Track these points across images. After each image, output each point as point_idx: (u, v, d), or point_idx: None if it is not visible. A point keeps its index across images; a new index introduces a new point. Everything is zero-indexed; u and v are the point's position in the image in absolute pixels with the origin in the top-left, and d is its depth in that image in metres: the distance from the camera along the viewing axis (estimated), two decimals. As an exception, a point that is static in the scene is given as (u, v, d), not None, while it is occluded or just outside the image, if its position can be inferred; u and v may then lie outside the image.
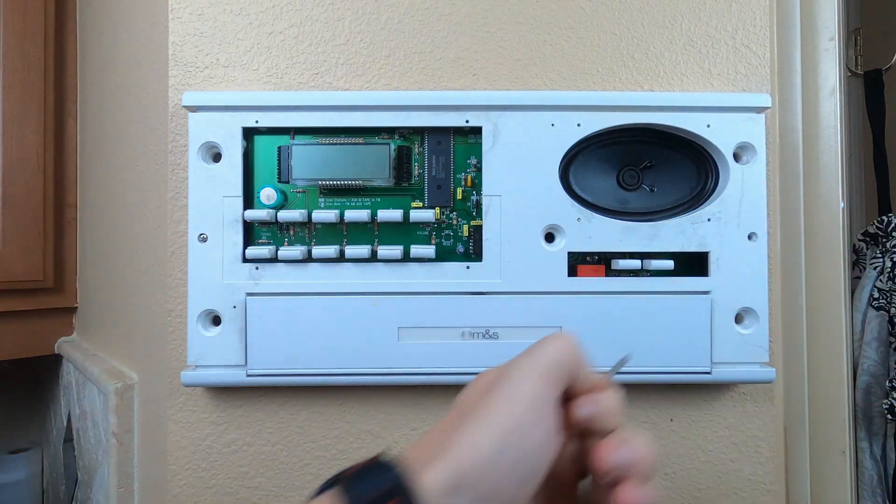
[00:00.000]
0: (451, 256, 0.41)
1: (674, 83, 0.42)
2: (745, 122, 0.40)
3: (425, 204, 0.41)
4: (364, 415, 0.42)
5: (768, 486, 0.42)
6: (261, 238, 0.41)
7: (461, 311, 0.39)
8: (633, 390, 0.42)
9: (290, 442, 0.42)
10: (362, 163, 0.40)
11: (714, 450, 0.42)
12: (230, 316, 0.39)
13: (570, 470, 0.26)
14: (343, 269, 0.40)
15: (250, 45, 0.41)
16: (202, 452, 0.41)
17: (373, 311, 0.39)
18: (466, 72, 0.42)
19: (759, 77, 0.42)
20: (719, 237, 0.40)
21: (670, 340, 0.40)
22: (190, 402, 0.42)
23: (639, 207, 0.41)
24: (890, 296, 0.53)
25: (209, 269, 0.39)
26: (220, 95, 0.39)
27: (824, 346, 0.47)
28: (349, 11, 0.42)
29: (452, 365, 0.39)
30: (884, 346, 0.53)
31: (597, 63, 0.42)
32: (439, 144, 0.41)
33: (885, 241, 0.55)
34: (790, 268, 0.46)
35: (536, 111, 0.39)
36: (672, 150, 0.42)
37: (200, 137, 0.39)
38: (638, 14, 0.42)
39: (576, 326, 0.39)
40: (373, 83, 0.42)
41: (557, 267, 0.40)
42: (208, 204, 0.39)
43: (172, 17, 0.41)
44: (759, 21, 0.42)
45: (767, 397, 0.42)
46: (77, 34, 0.70)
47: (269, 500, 0.42)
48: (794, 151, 0.47)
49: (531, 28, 0.42)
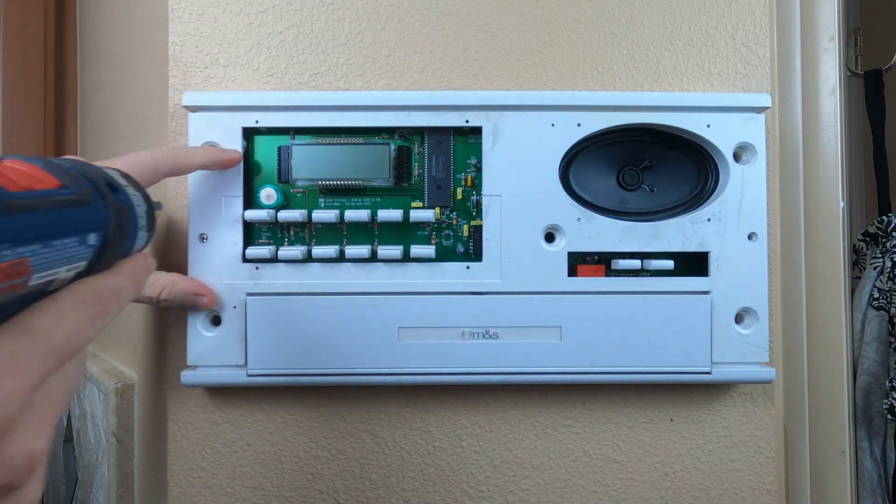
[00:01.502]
0: (451, 256, 0.41)
1: (674, 83, 0.42)
2: (745, 122, 0.40)
3: (425, 204, 0.41)
4: (364, 415, 0.42)
5: (768, 486, 0.42)
6: (261, 238, 0.41)
7: (461, 311, 0.39)
8: (633, 390, 0.42)
9: (290, 442, 0.42)
10: (362, 163, 0.40)
11: (714, 450, 0.42)
12: (230, 316, 0.39)
13: None
14: (343, 269, 0.40)
15: (250, 45, 0.41)
16: (202, 452, 0.42)
17: (373, 311, 0.39)
18: (466, 72, 0.42)
19: (759, 77, 0.42)
20: (719, 237, 0.40)
21: (670, 340, 0.40)
22: (190, 403, 0.42)
23: (639, 207, 0.41)
24: (890, 296, 0.53)
25: (209, 269, 0.39)
26: (220, 95, 0.39)
27: (824, 346, 0.47)
28: (349, 11, 0.42)
29: (452, 365, 0.39)
30: (884, 346, 0.53)
31: (597, 63, 0.42)
32: (439, 144, 0.41)
33: (885, 241, 0.55)
34: (790, 268, 0.46)
35: (536, 111, 0.40)
36: (672, 150, 0.42)
37: (200, 137, 0.39)
38: (638, 14, 0.42)
39: (576, 326, 0.39)
40: (373, 83, 0.42)
41: (557, 267, 0.40)
42: (208, 204, 0.39)
43: (172, 17, 0.41)
44: (759, 21, 0.42)
45: (767, 397, 0.42)
46: (77, 34, 0.70)
47: (269, 500, 0.42)
48: (794, 151, 0.47)
49: (531, 28, 0.42)
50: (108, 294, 0.21)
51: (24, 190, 0.17)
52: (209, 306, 0.39)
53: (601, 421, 0.42)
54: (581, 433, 0.42)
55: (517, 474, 0.42)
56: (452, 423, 0.42)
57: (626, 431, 0.42)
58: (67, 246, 0.19)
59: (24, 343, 0.18)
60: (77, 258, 0.20)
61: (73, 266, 0.20)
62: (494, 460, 0.42)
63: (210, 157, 0.37)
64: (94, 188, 0.21)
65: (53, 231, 0.18)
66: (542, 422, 0.42)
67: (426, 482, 0.42)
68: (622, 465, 0.42)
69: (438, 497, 0.42)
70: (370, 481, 0.42)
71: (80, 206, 0.20)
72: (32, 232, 0.17)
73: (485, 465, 0.42)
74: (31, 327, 0.18)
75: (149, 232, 0.25)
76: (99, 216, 0.21)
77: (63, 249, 0.19)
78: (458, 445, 0.42)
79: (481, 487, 0.42)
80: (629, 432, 0.42)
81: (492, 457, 0.42)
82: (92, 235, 0.20)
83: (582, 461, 0.42)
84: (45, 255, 0.18)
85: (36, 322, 0.18)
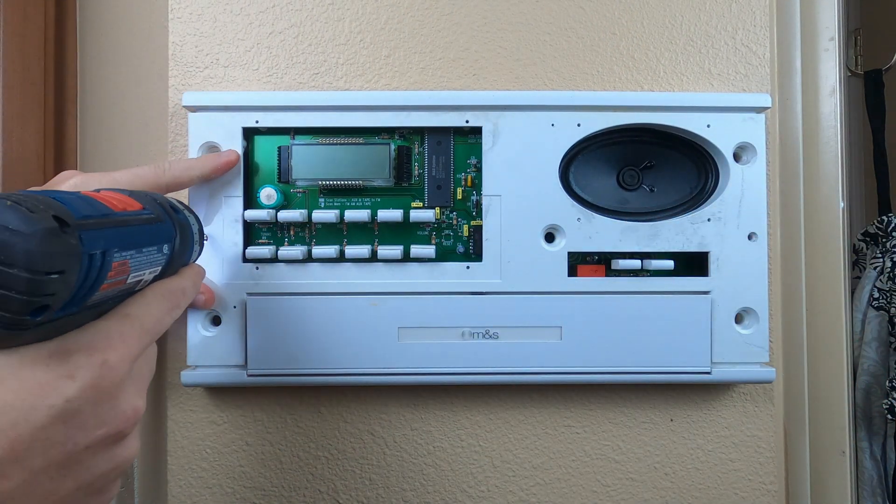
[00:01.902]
0: (451, 256, 0.41)
1: (674, 83, 0.42)
2: (745, 122, 0.40)
3: (425, 204, 0.41)
4: (364, 415, 0.42)
5: (768, 486, 0.42)
6: (261, 238, 0.41)
7: (461, 311, 0.39)
8: (633, 390, 0.42)
9: (290, 442, 0.42)
10: (362, 163, 0.40)
11: (714, 450, 0.42)
12: (230, 316, 0.39)
13: None
14: (343, 269, 0.40)
15: (250, 45, 0.41)
16: (202, 452, 0.42)
17: (373, 311, 0.39)
18: (466, 72, 0.42)
19: (759, 77, 0.42)
20: (719, 237, 0.40)
21: (670, 340, 0.40)
22: (190, 403, 0.42)
23: (639, 207, 0.41)
24: (890, 296, 0.53)
25: (209, 269, 0.39)
26: (220, 95, 0.39)
27: (824, 346, 0.47)
28: (349, 11, 0.42)
29: (452, 365, 0.39)
30: (884, 346, 0.53)
31: (597, 63, 0.42)
32: (439, 144, 0.41)
33: (885, 241, 0.55)
34: (790, 268, 0.46)
35: (536, 111, 0.39)
36: (672, 149, 0.42)
37: (200, 137, 0.39)
38: (638, 14, 0.42)
39: (576, 326, 0.39)
40: (373, 83, 0.42)
41: (557, 267, 0.40)
42: (208, 204, 0.39)
43: (172, 17, 0.41)
44: (759, 21, 0.42)
45: (767, 397, 0.42)
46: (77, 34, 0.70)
47: (269, 500, 0.42)
48: (794, 151, 0.47)
49: (531, 28, 0.42)
50: (179, 292, 0.28)
51: (123, 210, 0.23)
52: (209, 306, 0.39)
53: (601, 421, 0.42)
54: (581, 433, 0.42)
55: (517, 474, 0.42)
56: (452, 423, 0.42)
57: (626, 431, 0.42)
58: (151, 253, 0.25)
59: (126, 324, 0.24)
60: (156, 263, 0.26)
61: (153, 269, 0.26)
62: (494, 460, 0.42)
63: (209, 168, 0.37)
64: (163, 210, 0.27)
65: (142, 241, 0.24)
66: (542, 422, 0.42)
67: (426, 482, 0.42)
68: (622, 465, 0.42)
69: (438, 497, 0.42)
70: (370, 481, 0.42)
71: (156, 223, 0.26)
72: (131, 241, 0.23)
73: (485, 465, 0.42)
74: (129, 313, 0.24)
75: (200, 247, 0.33)
76: (169, 231, 0.27)
77: (148, 255, 0.25)
78: (458, 445, 0.42)
79: (481, 487, 0.42)
80: (629, 432, 0.42)
81: (492, 457, 0.42)
82: (165, 246, 0.27)
83: (582, 461, 0.42)
84: (138, 259, 0.24)
85: (132, 310, 0.25)
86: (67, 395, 0.21)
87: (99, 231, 0.21)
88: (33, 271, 0.18)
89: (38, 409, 0.20)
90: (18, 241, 0.17)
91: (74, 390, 0.21)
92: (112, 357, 0.22)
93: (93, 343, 0.22)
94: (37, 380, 0.20)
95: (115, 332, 0.23)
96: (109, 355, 0.22)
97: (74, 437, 0.21)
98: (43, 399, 0.20)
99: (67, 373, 0.21)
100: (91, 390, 0.21)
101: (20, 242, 0.17)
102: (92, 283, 0.21)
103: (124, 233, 0.23)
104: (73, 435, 0.21)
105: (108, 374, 0.22)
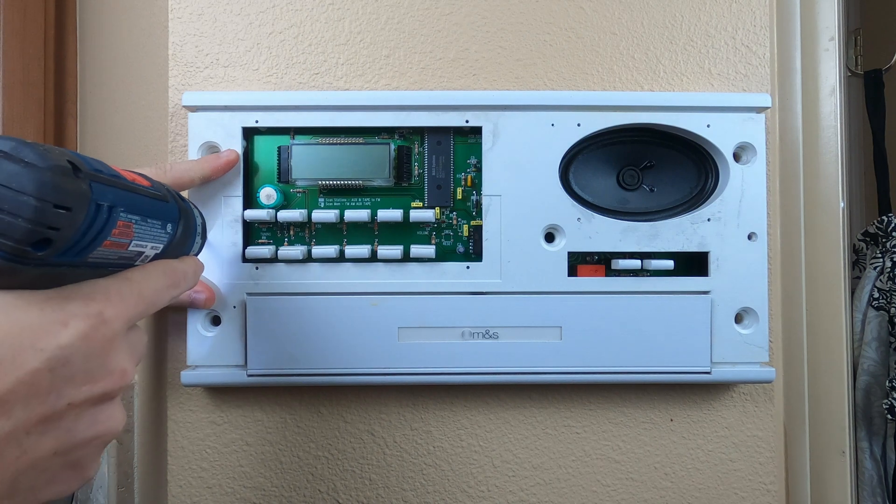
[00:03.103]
0: (451, 256, 0.41)
1: (674, 83, 0.42)
2: (745, 122, 0.40)
3: (425, 204, 0.41)
4: (364, 415, 0.42)
5: (768, 486, 0.42)
6: (261, 238, 0.41)
7: (461, 311, 0.39)
8: (633, 390, 0.42)
9: (290, 442, 0.42)
10: (362, 163, 0.40)
11: (714, 450, 0.42)
12: (230, 316, 0.39)
13: None
14: (343, 269, 0.40)
15: (250, 45, 0.41)
16: (202, 452, 0.42)
17: (373, 311, 0.39)
18: (466, 72, 0.42)
19: (759, 77, 0.42)
20: (719, 237, 0.40)
21: (670, 340, 0.40)
22: (190, 403, 0.42)
23: (639, 207, 0.41)
24: (890, 296, 0.53)
25: (209, 269, 0.39)
26: (220, 95, 0.39)
27: (824, 346, 0.47)
28: (349, 11, 0.42)
29: (452, 365, 0.39)
30: (884, 346, 0.53)
31: (597, 63, 0.42)
32: (439, 144, 0.41)
33: (885, 241, 0.55)
34: (790, 268, 0.46)
35: (536, 111, 0.39)
36: (672, 149, 0.42)
37: (200, 137, 0.39)
38: (638, 14, 0.42)
39: (576, 326, 0.39)
40: (373, 83, 0.42)
41: (557, 267, 0.40)
42: (208, 203, 0.39)
43: (172, 17, 0.41)
44: (759, 21, 0.42)
45: (767, 397, 0.42)
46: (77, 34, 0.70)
47: (269, 500, 0.42)
48: (794, 151, 0.47)
49: (531, 28, 0.42)
50: (179, 272, 0.28)
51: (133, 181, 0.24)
52: (209, 305, 0.39)
53: (601, 421, 0.42)
54: (581, 433, 0.42)
55: (517, 474, 0.42)
56: (452, 423, 0.42)
57: (626, 431, 0.42)
58: (155, 227, 0.26)
59: (125, 286, 0.24)
60: (158, 239, 0.26)
61: (155, 245, 0.26)
62: (494, 460, 0.42)
63: (209, 168, 0.37)
64: (169, 193, 0.28)
65: (148, 212, 0.25)
66: (542, 422, 0.42)
67: (426, 482, 0.42)
68: (622, 465, 0.42)
69: (438, 497, 0.42)
70: (370, 481, 0.42)
71: (163, 201, 0.27)
72: (138, 207, 0.24)
73: (485, 465, 0.42)
74: (129, 277, 0.25)
75: (203, 240, 0.34)
76: (174, 212, 0.28)
77: (152, 228, 0.25)
78: (458, 445, 0.42)
79: (481, 487, 0.42)
80: (629, 432, 0.42)
81: (492, 457, 0.42)
82: (169, 224, 0.27)
83: (582, 461, 0.42)
84: (142, 227, 0.24)
85: (132, 275, 0.25)
86: (59, 341, 0.20)
87: (108, 187, 0.21)
88: (42, 200, 0.18)
89: (26, 352, 0.19)
90: (32, 171, 0.18)
91: (67, 338, 0.20)
92: (108, 311, 0.22)
93: (91, 294, 0.22)
94: (29, 321, 0.20)
95: (114, 289, 0.23)
96: (106, 309, 0.22)
97: (60, 389, 0.20)
98: (33, 342, 0.19)
99: (61, 319, 0.20)
100: (83, 340, 0.21)
101: (33, 173, 0.18)
102: (96, 234, 0.21)
103: (132, 198, 0.23)
104: (59, 386, 0.20)
105: (101, 328, 0.22)
